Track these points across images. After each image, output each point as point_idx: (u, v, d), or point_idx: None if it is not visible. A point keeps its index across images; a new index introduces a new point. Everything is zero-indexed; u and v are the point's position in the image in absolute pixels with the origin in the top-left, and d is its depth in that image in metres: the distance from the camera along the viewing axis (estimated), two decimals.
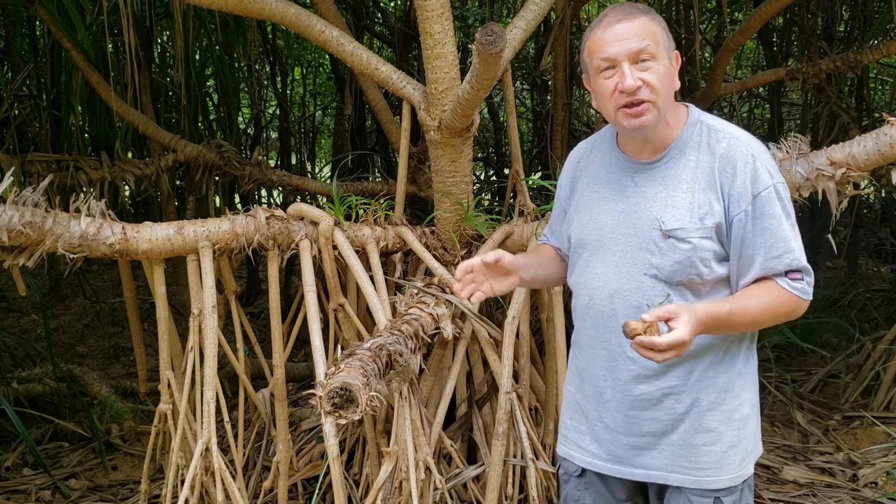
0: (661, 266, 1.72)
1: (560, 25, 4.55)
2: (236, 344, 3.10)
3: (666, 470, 1.80)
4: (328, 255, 2.90)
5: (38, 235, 2.47)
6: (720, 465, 1.77)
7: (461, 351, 3.01)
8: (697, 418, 1.77)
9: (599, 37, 1.71)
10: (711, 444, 1.77)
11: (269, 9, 2.86)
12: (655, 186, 1.76)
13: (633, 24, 1.68)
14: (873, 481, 3.42)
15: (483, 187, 7.29)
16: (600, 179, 1.87)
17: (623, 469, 1.85)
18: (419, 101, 2.91)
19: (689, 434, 1.77)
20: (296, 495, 3.26)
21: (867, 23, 5.64)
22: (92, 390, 4.30)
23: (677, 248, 1.71)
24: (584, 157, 1.96)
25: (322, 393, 1.97)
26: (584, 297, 1.86)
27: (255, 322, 5.81)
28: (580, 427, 1.92)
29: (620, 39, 1.67)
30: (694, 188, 1.72)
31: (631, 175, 1.80)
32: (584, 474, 1.93)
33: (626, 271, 1.77)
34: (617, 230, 1.79)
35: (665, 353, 1.55)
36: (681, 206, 1.72)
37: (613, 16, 1.71)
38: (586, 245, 1.86)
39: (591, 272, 1.83)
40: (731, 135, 1.74)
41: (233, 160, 4.38)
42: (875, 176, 3.13)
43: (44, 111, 4.83)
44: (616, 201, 1.81)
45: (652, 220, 1.74)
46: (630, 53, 1.67)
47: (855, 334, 4.79)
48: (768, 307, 1.70)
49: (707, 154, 1.73)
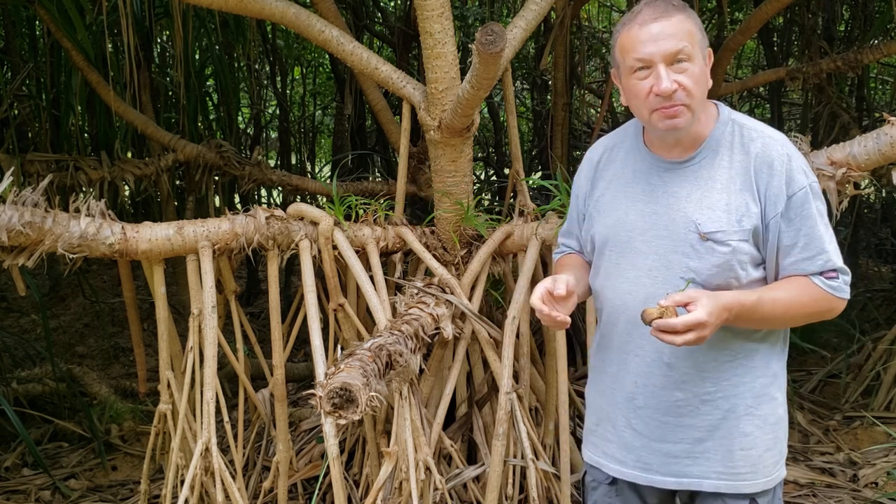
0: (699, 269, 1.67)
1: (560, 25, 4.55)
2: (236, 344, 3.09)
3: (701, 476, 1.75)
4: (328, 255, 2.89)
5: (37, 235, 2.47)
6: (757, 468, 1.74)
7: (461, 351, 3.00)
8: (734, 423, 1.72)
9: (634, 35, 1.63)
10: (749, 448, 1.73)
11: (269, 8, 2.86)
12: (688, 186, 1.70)
13: (671, 24, 1.61)
14: (874, 481, 3.42)
15: (483, 187, 7.29)
16: (625, 178, 1.80)
17: (652, 477, 1.79)
18: (419, 100, 2.91)
19: (725, 440, 1.73)
20: (296, 495, 3.26)
21: (868, 22, 5.64)
22: (92, 390, 4.30)
23: (716, 251, 1.66)
24: (605, 156, 1.88)
25: (322, 393, 1.96)
26: (615, 301, 1.79)
27: (255, 322, 5.81)
28: (607, 434, 1.86)
29: (657, 39, 1.60)
30: (729, 188, 1.67)
31: (660, 174, 1.74)
32: (616, 482, 1.87)
33: (661, 275, 1.70)
34: (648, 232, 1.73)
35: (684, 336, 1.52)
36: (717, 208, 1.67)
37: (649, 12, 1.63)
38: (613, 246, 1.79)
39: (622, 276, 1.76)
40: (765, 134, 1.70)
41: (233, 160, 4.38)
42: (875, 176, 3.12)
43: (43, 111, 4.82)
44: (645, 202, 1.75)
45: (687, 222, 1.68)
46: (666, 55, 1.60)
47: (855, 334, 4.79)
48: (800, 302, 1.66)
49: (741, 153, 1.68)
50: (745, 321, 1.65)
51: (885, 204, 7.55)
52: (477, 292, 3.02)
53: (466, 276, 3.01)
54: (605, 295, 1.82)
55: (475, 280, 3.03)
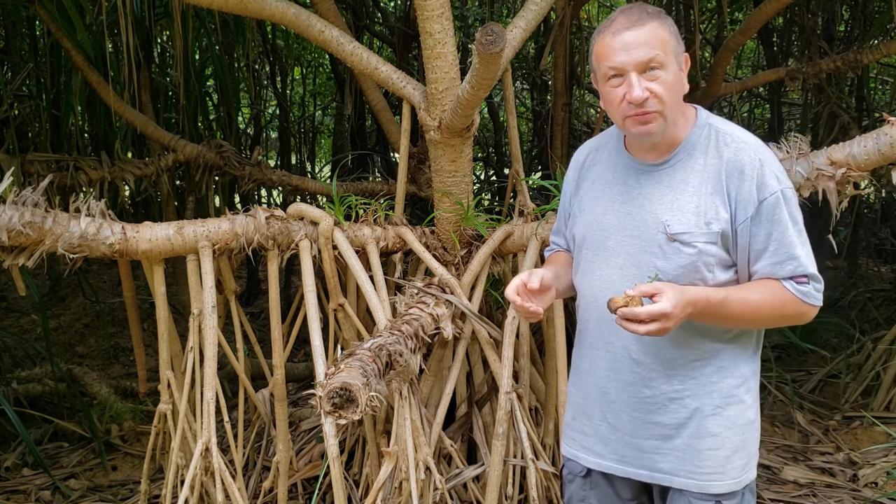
0: (665, 269, 1.71)
1: (560, 25, 4.55)
2: (236, 344, 3.09)
3: (670, 473, 1.80)
4: (328, 255, 2.89)
5: (37, 235, 2.47)
6: (724, 469, 1.77)
7: (461, 351, 3.00)
8: (702, 423, 1.76)
9: (608, 43, 1.67)
10: (716, 448, 1.76)
11: (269, 9, 2.86)
12: (661, 188, 1.75)
13: (643, 32, 1.63)
14: (873, 481, 3.42)
15: (483, 187, 7.29)
16: (605, 179, 1.86)
17: (628, 469, 1.85)
18: (419, 100, 2.91)
19: (693, 439, 1.77)
20: (296, 495, 3.26)
21: (867, 23, 5.64)
22: (92, 390, 4.30)
23: (682, 251, 1.69)
24: (590, 157, 1.94)
25: (322, 393, 1.97)
26: (588, 297, 1.85)
27: (255, 322, 5.81)
28: (584, 428, 1.91)
29: (629, 48, 1.63)
30: (700, 191, 1.70)
31: (637, 176, 1.79)
32: (590, 474, 1.93)
33: (629, 273, 1.75)
34: (622, 231, 1.78)
35: (648, 326, 1.55)
36: (686, 210, 1.70)
37: (622, 21, 1.66)
38: (589, 244, 1.84)
39: (595, 273, 1.82)
40: (739, 139, 1.72)
41: (233, 160, 4.38)
42: (875, 176, 3.12)
43: (43, 111, 4.83)
44: (621, 202, 1.80)
45: (657, 223, 1.73)
46: (638, 63, 1.63)
47: (855, 334, 4.79)
48: (770, 305, 1.69)
49: (714, 157, 1.71)
50: (711, 318, 1.67)
51: (885, 204, 7.55)
52: (477, 292, 3.02)
53: (466, 276, 3.01)
54: (580, 292, 1.88)
55: (475, 280, 3.03)
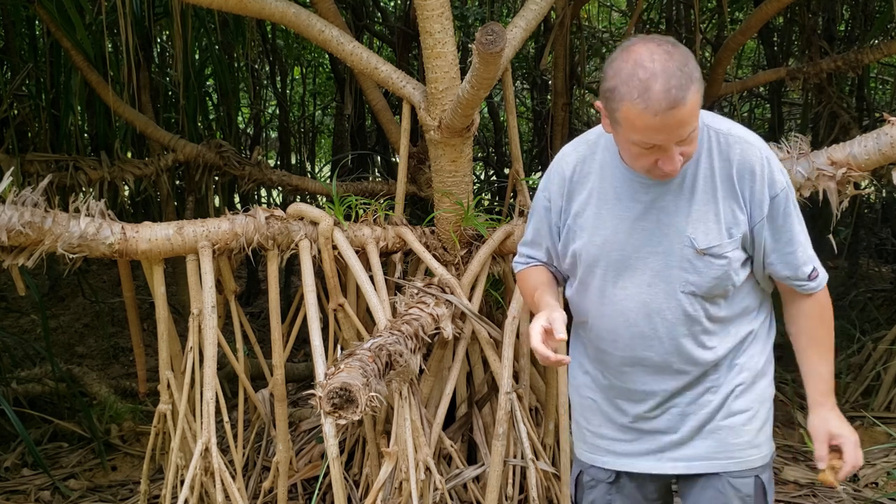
0: (698, 283, 1.70)
1: (560, 25, 4.55)
2: (236, 344, 3.09)
3: (708, 458, 1.80)
4: (328, 255, 2.89)
5: (37, 235, 2.47)
6: (758, 442, 1.81)
7: (461, 351, 3.00)
8: (734, 402, 1.79)
9: (647, 121, 1.50)
10: (748, 423, 1.80)
11: (269, 8, 2.86)
12: (674, 200, 1.69)
13: (686, 109, 1.49)
14: (874, 481, 3.42)
15: (483, 187, 7.29)
16: (608, 195, 1.76)
17: (663, 465, 1.84)
18: (419, 100, 2.91)
19: (726, 418, 1.79)
20: (296, 496, 3.26)
21: (868, 22, 5.64)
22: (91, 390, 4.29)
23: (713, 264, 1.68)
24: (578, 169, 1.81)
25: (322, 393, 1.96)
26: (616, 317, 1.78)
27: (255, 322, 5.80)
28: (613, 433, 1.87)
29: (671, 129, 1.51)
30: (715, 197, 1.68)
31: (644, 190, 1.71)
32: (618, 479, 1.90)
33: (661, 289, 1.72)
34: (643, 249, 1.72)
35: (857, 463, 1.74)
36: (708, 220, 1.67)
37: (663, 98, 1.48)
38: (607, 265, 1.76)
39: (620, 293, 1.76)
40: (742, 138, 1.69)
41: (232, 160, 4.38)
42: (876, 176, 3.12)
43: (43, 111, 4.82)
44: (634, 219, 1.72)
45: (681, 238, 1.69)
46: (679, 141, 1.55)
47: (856, 334, 4.78)
48: (826, 326, 1.81)
49: (721, 160, 1.68)
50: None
51: (885, 204, 7.54)
52: (477, 292, 3.02)
53: (466, 276, 3.01)
54: (601, 311, 1.81)
55: (475, 280, 3.03)
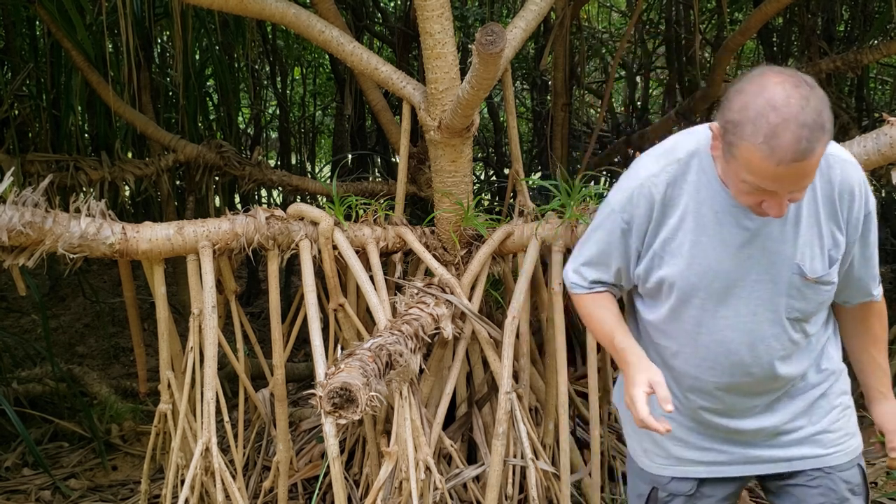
0: (804, 309, 1.71)
1: (560, 25, 4.55)
2: (236, 344, 3.09)
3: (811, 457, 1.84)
4: (328, 255, 2.89)
5: (37, 235, 2.47)
6: (855, 429, 1.88)
7: (461, 351, 3.00)
8: (834, 395, 1.85)
9: (767, 168, 1.44)
10: (847, 406, 1.86)
11: (269, 9, 2.86)
12: (782, 227, 1.65)
13: (810, 165, 1.44)
14: (873, 481, 3.42)
15: (483, 187, 7.29)
16: (706, 221, 1.67)
17: (757, 467, 1.86)
18: (419, 101, 2.91)
19: (829, 411, 1.84)
20: (296, 495, 3.26)
21: (867, 23, 5.64)
22: (92, 390, 4.30)
23: (822, 290, 1.70)
24: (669, 192, 1.70)
25: (322, 393, 1.97)
26: (715, 347, 1.74)
27: (255, 322, 5.81)
28: (702, 444, 1.87)
29: (791, 181, 1.47)
30: (819, 221, 1.66)
31: (749, 215, 1.64)
32: (699, 489, 1.88)
33: (766, 318, 1.70)
34: (746, 277, 1.68)
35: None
36: (814, 245, 1.66)
37: (791, 146, 1.41)
38: (708, 296, 1.71)
39: (721, 322, 1.72)
40: (841, 158, 1.67)
41: (233, 160, 4.38)
42: (875, 176, 3.13)
43: (44, 111, 4.82)
44: (739, 246, 1.66)
45: (789, 265, 1.66)
46: (793, 191, 1.51)
47: None
48: (885, 324, 1.87)
49: (822, 182, 1.65)
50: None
51: (885, 204, 7.54)
52: (477, 292, 3.02)
53: (466, 276, 3.01)
54: (697, 340, 1.76)
55: (475, 280, 3.03)
